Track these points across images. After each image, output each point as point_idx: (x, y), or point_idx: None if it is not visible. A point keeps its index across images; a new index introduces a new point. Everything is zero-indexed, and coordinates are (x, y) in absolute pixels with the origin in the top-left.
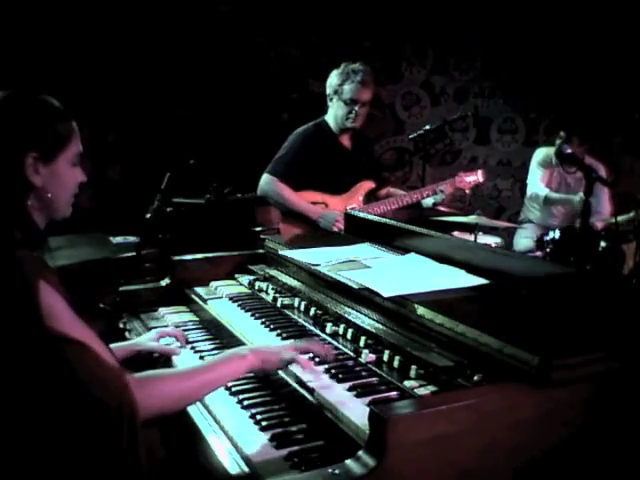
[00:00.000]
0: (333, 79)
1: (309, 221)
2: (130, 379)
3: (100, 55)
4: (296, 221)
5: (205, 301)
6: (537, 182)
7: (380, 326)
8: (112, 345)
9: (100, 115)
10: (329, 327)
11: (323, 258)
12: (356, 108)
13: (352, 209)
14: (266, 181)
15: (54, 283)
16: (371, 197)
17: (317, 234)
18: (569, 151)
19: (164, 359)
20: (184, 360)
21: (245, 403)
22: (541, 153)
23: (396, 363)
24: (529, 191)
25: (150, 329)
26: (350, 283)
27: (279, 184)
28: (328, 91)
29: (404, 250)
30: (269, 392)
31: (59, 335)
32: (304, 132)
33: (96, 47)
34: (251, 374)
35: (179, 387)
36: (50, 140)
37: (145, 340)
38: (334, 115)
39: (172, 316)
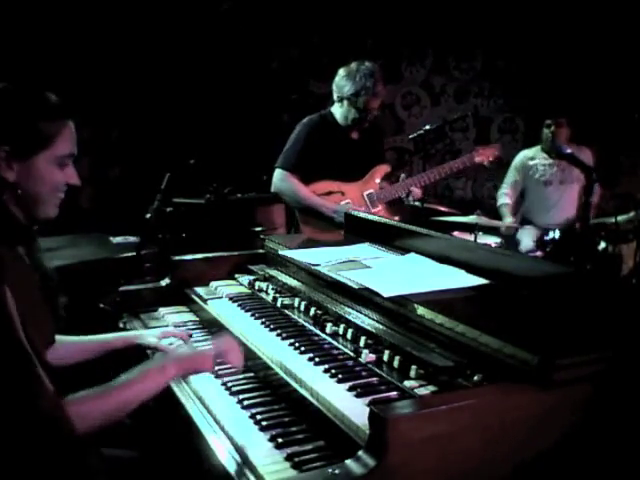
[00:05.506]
0: (344, 83)
1: (326, 218)
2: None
3: (101, 55)
4: (316, 221)
5: (205, 301)
6: (505, 185)
7: (380, 326)
8: (115, 334)
9: (101, 115)
10: (329, 327)
11: (323, 258)
12: (370, 115)
13: (369, 195)
14: (279, 177)
15: (16, 285)
16: (387, 181)
17: (317, 234)
18: (569, 151)
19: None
20: None
21: (245, 403)
22: (520, 156)
23: (396, 363)
24: (499, 191)
25: (150, 329)
26: (350, 283)
27: (292, 179)
28: (338, 92)
29: (404, 250)
30: (269, 392)
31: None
32: (309, 122)
33: (98, 48)
34: (251, 374)
35: (104, 406)
36: (27, 137)
37: (148, 335)
38: (344, 115)
39: (172, 316)
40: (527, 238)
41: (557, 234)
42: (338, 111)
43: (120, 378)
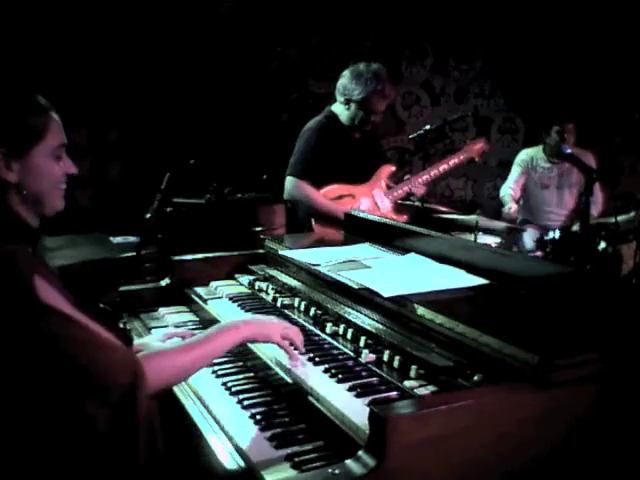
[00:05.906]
0: (354, 87)
1: (340, 222)
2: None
3: (101, 55)
4: (329, 221)
5: (205, 301)
6: (509, 181)
7: (380, 326)
8: None
9: (101, 115)
10: (329, 327)
11: (323, 258)
12: (377, 117)
13: (378, 196)
14: (292, 185)
15: (49, 278)
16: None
17: (316, 234)
18: (569, 151)
19: None
20: None
21: (245, 403)
22: (522, 154)
23: (396, 363)
24: (503, 185)
25: (150, 329)
26: (350, 283)
27: (305, 186)
28: (345, 95)
29: (404, 250)
30: (269, 392)
31: (63, 324)
32: (317, 126)
33: (97, 47)
34: (251, 374)
35: (180, 361)
36: (20, 136)
37: (151, 341)
38: (350, 117)
39: (172, 316)
40: (527, 238)
41: (557, 234)
42: (343, 113)
43: (194, 337)
